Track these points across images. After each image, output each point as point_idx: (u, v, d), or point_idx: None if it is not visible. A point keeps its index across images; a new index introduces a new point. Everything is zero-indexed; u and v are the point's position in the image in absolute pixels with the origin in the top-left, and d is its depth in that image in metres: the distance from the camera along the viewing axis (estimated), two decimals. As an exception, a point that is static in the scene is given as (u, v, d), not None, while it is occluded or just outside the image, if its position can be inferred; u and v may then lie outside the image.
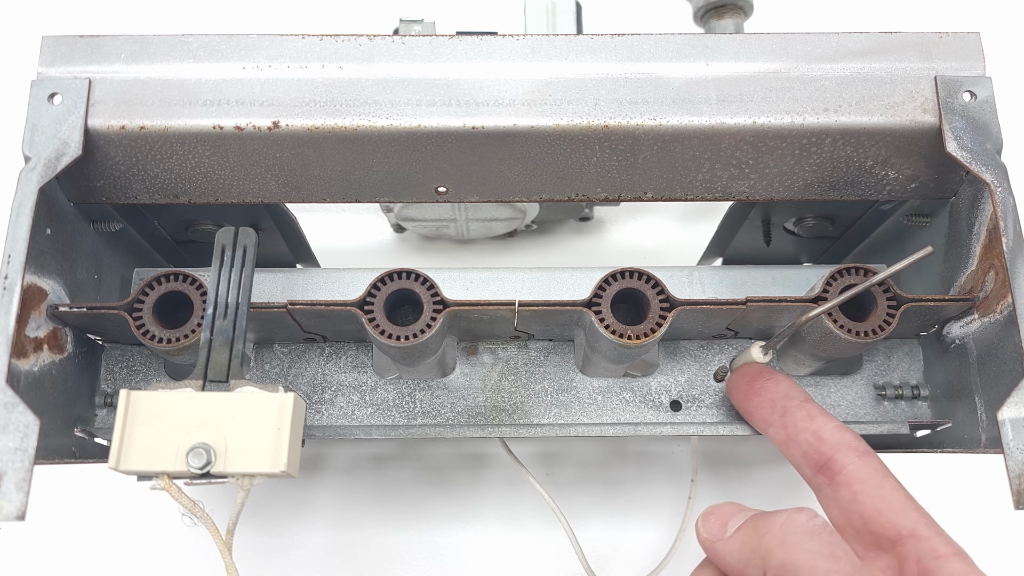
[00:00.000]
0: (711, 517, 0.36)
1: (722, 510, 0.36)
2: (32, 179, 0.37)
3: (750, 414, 0.40)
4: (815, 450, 0.36)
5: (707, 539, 0.35)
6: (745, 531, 0.34)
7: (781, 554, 0.31)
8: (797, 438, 0.37)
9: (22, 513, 0.33)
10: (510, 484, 0.59)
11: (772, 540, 0.32)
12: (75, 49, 0.40)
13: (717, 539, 0.35)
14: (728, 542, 0.34)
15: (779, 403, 0.38)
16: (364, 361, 0.45)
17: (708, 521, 0.36)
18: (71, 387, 0.40)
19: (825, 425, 0.36)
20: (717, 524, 0.35)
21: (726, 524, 0.35)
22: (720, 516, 0.35)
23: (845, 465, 0.34)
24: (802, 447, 0.36)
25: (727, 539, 0.34)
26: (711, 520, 0.36)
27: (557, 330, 0.43)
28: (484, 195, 0.43)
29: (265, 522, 0.58)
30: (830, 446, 0.35)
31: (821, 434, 0.36)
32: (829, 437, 0.36)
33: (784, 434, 0.37)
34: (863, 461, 0.35)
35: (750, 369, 0.40)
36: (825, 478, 0.35)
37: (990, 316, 0.38)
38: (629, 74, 0.40)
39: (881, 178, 0.41)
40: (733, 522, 0.35)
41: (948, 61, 0.40)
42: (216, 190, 0.42)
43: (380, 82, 0.39)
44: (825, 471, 0.35)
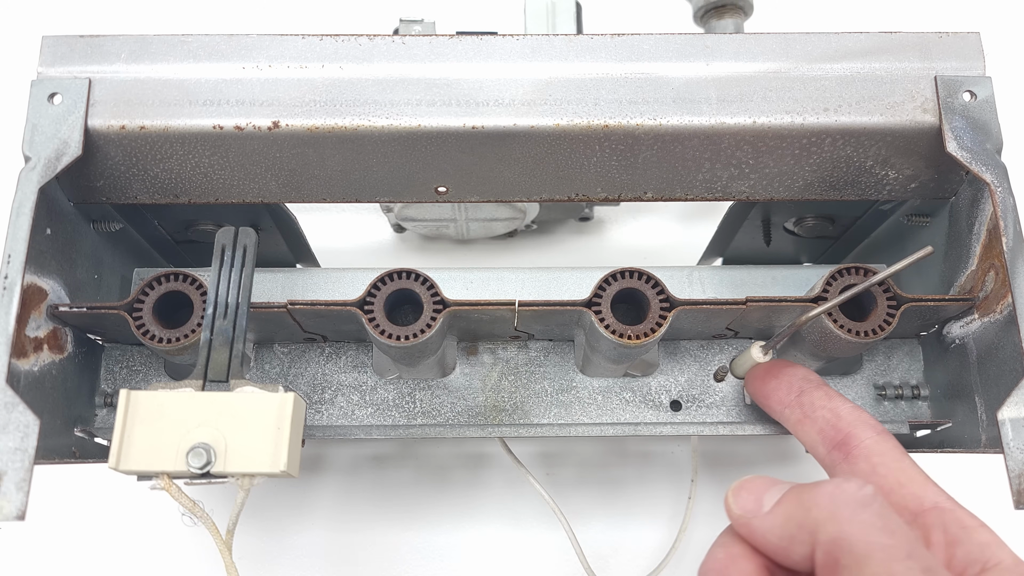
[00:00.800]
0: (742, 492, 0.32)
1: (754, 484, 0.32)
2: (32, 179, 0.37)
3: (767, 396, 0.39)
4: (832, 426, 0.35)
5: (740, 515, 0.32)
6: (788, 505, 0.30)
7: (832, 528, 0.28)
8: (814, 415, 0.36)
9: (22, 513, 0.33)
10: (510, 484, 0.59)
11: (821, 513, 0.29)
12: (75, 49, 0.40)
13: (753, 515, 0.31)
14: (768, 518, 0.31)
15: (796, 384, 0.38)
16: (364, 361, 0.45)
17: (740, 496, 0.32)
18: (71, 387, 0.40)
19: (843, 404, 0.36)
20: (751, 499, 0.32)
21: (760, 498, 0.31)
22: (753, 490, 0.32)
23: (863, 440, 0.34)
24: (819, 424, 0.36)
25: (766, 515, 0.31)
26: (743, 495, 0.32)
27: (557, 330, 0.43)
28: (484, 195, 0.43)
29: (265, 522, 0.58)
30: (848, 422, 0.35)
31: (839, 411, 0.36)
32: (847, 415, 0.35)
33: (800, 413, 0.37)
34: (881, 437, 0.34)
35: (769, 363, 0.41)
36: (841, 454, 0.35)
37: (990, 316, 0.38)
38: (629, 74, 0.40)
39: (881, 178, 0.41)
40: (769, 495, 0.31)
41: (948, 61, 0.40)
42: (216, 190, 0.42)
43: (380, 82, 0.39)
44: (841, 447, 0.35)
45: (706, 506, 0.59)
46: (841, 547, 0.28)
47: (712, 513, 0.58)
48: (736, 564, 0.31)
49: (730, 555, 0.32)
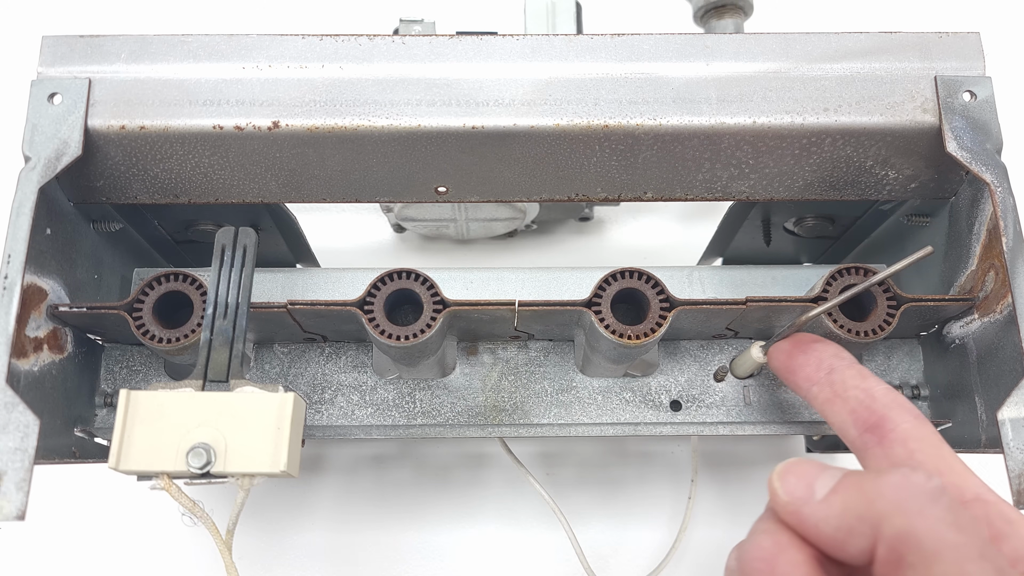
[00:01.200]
0: (791, 476, 0.29)
1: (802, 468, 0.29)
2: (32, 179, 0.37)
3: (793, 372, 0.37)
4: (866, 407, 0.33)
5: (789, 503, 0.29)
6: (847, 494, 0.28)
7: (899, 522, 0.26)
8: (846, 395, 0.34)
9: (22, 513, 0.33)
10: (510, 484, 0.59)
11: (886, 504, 0.27)
12: (75, 49, 0.40)
13: (804, 502, 0.29)
14: (822, 506, 0.28)
15: (826, 361, 0.36)
16: (364, 361, 0.45)
17: (788, 481, 0.29)
18: (71, 387, 0.40)
19: (877, 385, 0.34)
20: (800, 484, 0.29)
21: (812, 484, 0.29)
22: (802, 475, 0.29)
23: (900, 424, 0.32)
24: (851, 404, 0.34)
25: (819, 502, 0.28)
26: (791, 480, 0.29)
27: (557, 330, 0.43)
28: (484, 195, 0.43)
29: (265, 522, 0.58)
30: (883, 404, 0.33)
31: (873, 392, 0.33)
32: (882, 396, 0.33)
33: (830, 392, 0.35)
34: (918, 422, 0.32)
35: (796, 334, 0.38)
36: (874, 437, 0.32)
37: (990, 316, 0.38)
38: (629, 74, 0.40)
39: (881, 178, 0.41)
40: (821, 482, 0.29)
41: (948, 61, 0.40)
42: (216, 190, 0.42)
43: (380, 82, 0.39)
44: (875, 430, 0.32)
45: (706, 506, 0.59)
46: (908, 543, 0.26)
47: (712, 513, 0.58)
48: (785, 554, 0.29)
49: (778, 544, 0.29)
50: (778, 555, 0.29)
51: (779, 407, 0.44)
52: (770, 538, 0.29)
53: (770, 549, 0.29)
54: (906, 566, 0.26)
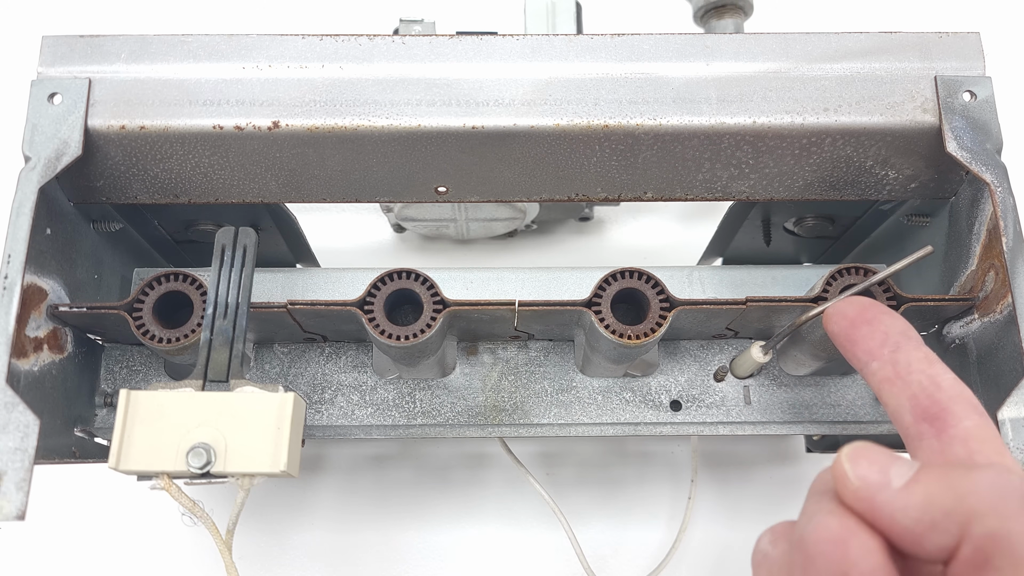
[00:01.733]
0: (863, 460, 0.27)
1: (875, 454, 0.27)
2: (32, 179, 0.37)
3: (854, 343, 0.34)
4: (929, 396, 0.31)
5: (861, 488, 0.27)
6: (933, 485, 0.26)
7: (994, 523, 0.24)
8: (908, 378, 0.31)
9: (22, 513, 0.33)
10: (510, 484, 0.59)
11: (980, 503, 0.25)
12: (75, 49, 0.40)
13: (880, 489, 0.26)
14: (902, 495, 0.26)
15: (893, 337, 0.33)
16: (364, 361, 0.45)
17: (860, 464, 0.27)
18: (71, 387, 0.40)
19: (945, 373, 0.31)
20: (874, 470, 0.27)
21: (887, 471, 0.27)
22: (875, 460, 0.27)
23: (963, 420, 0.30)
24: (912, 389, 0.31)
25: (899, 491, 0.26)
26: (864, 464, 0.27)
27: (557, 330, 0.43)
28: (484, 195, 0.43)
29: (265, 522, 0.58)
30: (948, 396, 0.30)
31: (939, 380, 0.31)
32: (948, 386, 0.31)
33: (892, 371, 0.32)
34: (983, 421, 0.30)
35: (861, 299, 0.35)
36: (932, 429, 0.30)
37: (990, 316, 0.38)
38: (629, 74, 0.40)
39: (881, 178, 0.41)
40: (898, 470, 0.27)
41: (948, 61, 0.40)
42: (216, 190, 0.42)
43: (380, 82, 0.39)
44: (935, 421, 0.30)
45: (706, 506, 0.59)
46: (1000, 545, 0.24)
47: (712, 513, 0.58)
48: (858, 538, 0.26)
49: (847, 527, 0.27)
50: (850, 538, 0.26)
51: (779, 407, 0.44)
52: (837, 520, 0.27)
53: (839, 531, 0.27)
54: (992, 569, 0.24)
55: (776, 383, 0.44)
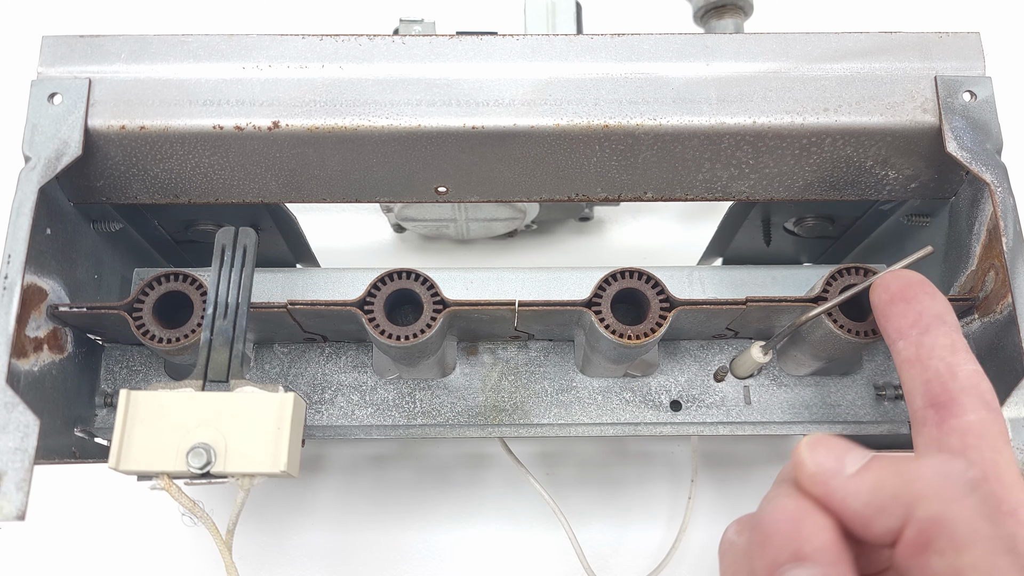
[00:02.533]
0: (820, 448, 0.29)
1: (832, 442, 0.29)
2: (32, 179, 0.37)
3: (887, 318, 0.34)
4: (941, 383, 0.31)
5: (817, 473, 0.28)
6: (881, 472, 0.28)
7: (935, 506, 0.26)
8: (928, 362, 0.32)
9: (22, 513, 0.33)
10: (510, 484, 0.59)
11: (924, 488, 0.26)
12: (75, 49, 0.40)
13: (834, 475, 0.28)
14: (853, 480, 0.28)
15: (925, 319, 0.33)
16: (364, 361, 0.45)
17: (817, 452, 0.29)
18: (71, 387, 0.40)
19: (965, 363, 0.32)
20: (830, 457, 0.28)
21: (843, 458, 0.28)
22: (832, 448, 0.29)
23: (968, 412, 0.30)
24: (928, 373, 0.32)
25: (851, 476, 0.28)
26: (821, 451, 0.29)
27: (557, 330, 0.43)
28: (484, 195, 0.43)
29: (265, 522, 0.58)
30: (960, 386, 0.31)
31: (956, 369, 0.31)
32: (964, 377, 0.31)
33: (914, 352, 0.32)
34: (991, 417, 0.30)
35: (910, 275, 0.35)
36: (936, 416, 0.31)
37: (990, 316, 0.38)
38: (629, 74, 0.40)
39: (881, 178, 0.41)
40: (852, 458, 0.28)
41: (948, 61, 0.40)
42: (216, 190, 0.42)
43: (380, 82, 0.39)
44: (941, 409, 0.31)
45: (706, 506, 0.59)
46: (941, 528, 0.25)
47: (712, 513, 0.58)
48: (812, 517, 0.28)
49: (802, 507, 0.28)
50: (804, 517, 0.28)
51: (779, 407, 0.44)
52: (793, 502, 0.28)
53: (794, 511, 0.28)
54: (933, 551, 0.25)
55: (776, 383, 0.44)
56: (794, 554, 0.27)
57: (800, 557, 0.27)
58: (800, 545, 0.27)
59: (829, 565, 0.27)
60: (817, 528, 0.27)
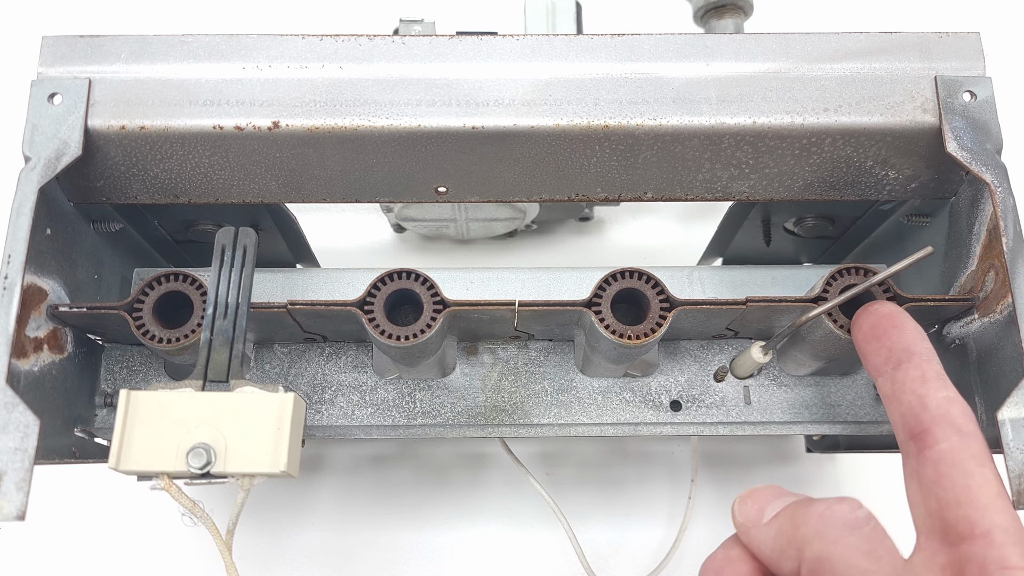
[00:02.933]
0: (748, 500, 0.33)
1: (761, 494, 0.33)
2: (32, 179, 0.37)
3: (864, 357, 0.36)
4: (914, 416, 0.32)
5: (742, 523, 0.33)
6: (782, 520, 0.32)
7: (817, 546, 0.29)
8: (902, 396, 0.33)
9: (22, 513, 0.33)
10: (510, 484, 0.59)
11: (809, 531, 0.30)
12: (75, 49, 0.40)
13: (753, 524, 0.33)
14: (763, 529, 0.32)
15: (896, 354, 0.34)
16: (364, 361, 0.45)
17: (745, 505, 0.33)
18: (71, 387, 0.40)
19: (934, 392, 0.33)
20: (754, 508, 0.33)
21: (763, 509, 0.33)
22: (758, 500, 0.33)
23: (939, 441, 0.31)
24: (903, 408, 0.33)
25: (763, 526, 0.32)
26: (748, 504, 0.33)
27: (557, 330, 0.43)
28: (484, 195, 0.43)
29: (265, 522, 0.58)
30: (931, 416, 0.32)
31: (926, 401, 0.32)
32: (934, 407, 0.32)
33: (889, 388, 0.34)
34: (962, 443, 0.31)
35: (879, 308, 0.36)
36: (915, 447, 0.32)
37: (990, 316, 0.38)
38: (629, 74, 0.40)
39: (881, 178, 0.41)
40: (771, 508, 0.32)
41: (948, 61, 0.40)
42: (216, 190, 0.42)
43: (380, 82, 0.39)
44: (917, 440, 0.32)
45: (706, 506, 0.59)
46: (824, 566, 0.29)
47: (712, 513, 0.58)
48: (732, 566, 0.33)
49: (728, 557, 0.33)
50: (726, 566, 0.33)
51: (779, 407, 0.44)
52: (724, 551, 0.34)
53: (721, 561, 0.34)
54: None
55: (776, 383, 0.44)
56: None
57: None
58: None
59: None
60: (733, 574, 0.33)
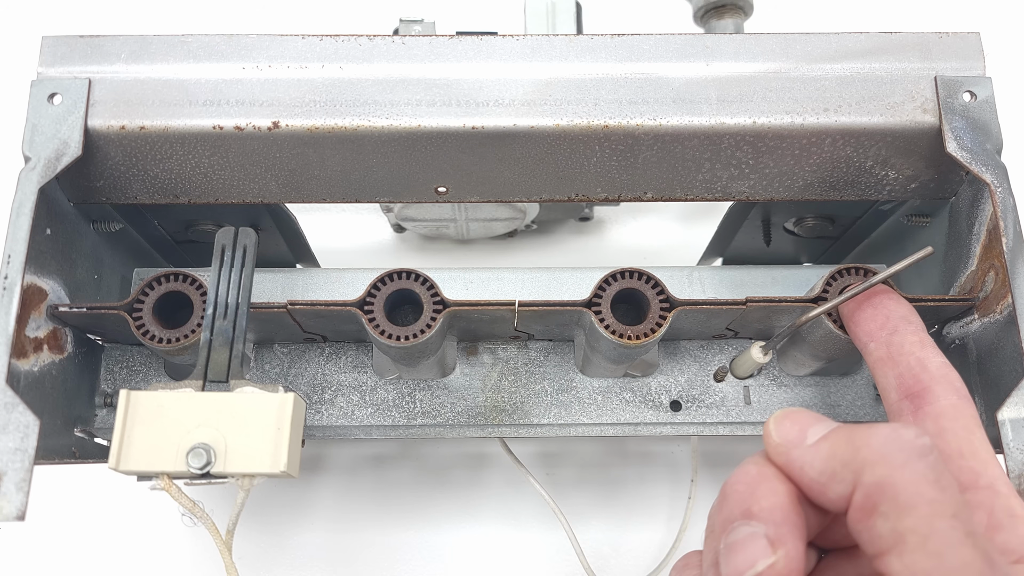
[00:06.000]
0: (786, 421, 0.31)
1: (799, 415, 0.31)
2: (32, 179, 0.37)
3: (857, 323, 0.37)
4: (914, 375, 0.33)
5: (780, 444, 0.30)
6: (835, 441, 0.29)
7: (881, 471, 0.27)
8: (899, 358, 0.34)
9: (22, 513, 0.33)
10: (510, 484, 0.59)
11: (872, 454, 0.27)
12: (75, 49, 0.40)
13: (795, 445, 0.30)
14: (810, 450, 0.29)
15: (892, 321, 0.35)
16: (364, 361, 0.45)
17: (783, 425, 0.30)
18: (71, 387, 0.40)
19: (934, 356, 0.34)
20: (795, 429, 0.30)
21: (805, 430, 0.30)
22: (798, 421, 0.30)
23: (940, 398, 0.32)
24: (900, 368, 0.34)
25: (809, 447, 0.29)
26: (786, 424, 0.30)
27: (557, 330, 0.43)
28: (484, 195, 0.43)
29: (265, 522, 0.58)
30: (932, 376, 0.33)
31: (926, 362, 0.33)
32: (934, 369, 0.33)
33: (885, 352, 0.35)
34: (961, 403, 0.32)
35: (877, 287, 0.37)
36: (912, 405, 0.33)
37: (990, 316, 0.38)
38: (629, 74, 0.40)
39: (881, 178, 0.41)
40: (815, 430, 0.30)
41: (948, 61, 0.40)
42: (216, 190, 0.42)
43: (380, 82, 0.39)
44: (915, 399, 0.33)
45: (706, 506, 0.58)
46: (885, 492, 0.26)
47: (712, 513, 0.58)
48: (768, 483, 0.30)
49: (763, 473, 0.30)
50: (761, 481, 0.30)
51: (779, 407, 0.44)
52: (757, 467, 0.30)
53: (755, 476, 0.30)
54: (878, 514, 0.26)
55: (776, 383, 0.44)
56: (744, 512, 0.29)
57: (749, 516, 0.29)
58: (751, 505, 0.29)
59: (774, 525, 0.28)
60: (769, 491, 0.29)
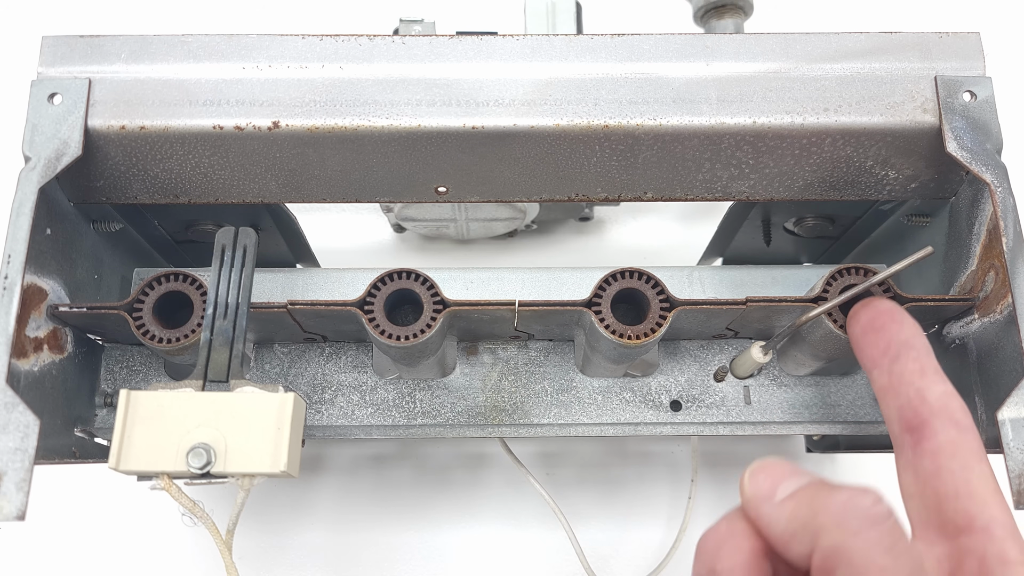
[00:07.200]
0: (760, 474, 0.31)
1: (773, 468, 0.31)
2: (32, 179, 0.37)
3: (860, 349, 0.36)
4: (912, 408, 0.32)
5: (752, 498, 0.31)
6: (798, 502, 0.30)
7: (835, 537, 0.28)
8: (899, 389, 0.33)
9: (22, 513, 0.33)
10: (510, 484, 0.59)
11: (828, 519, 0.28)
12: (75, 49, 0.40)
13: (764, 500, 0.30)
14: (777, 507, 0.30)
15: (894, 347, 0.34)
16: (364, 361, 0.45)
17: (756, 478, 0.31)
18: (71, 387, 0.40)
19: (933, 386, 0.33)
20: (767, 483, 0.31)
21: (776, 486, 0.30)
22: (771, 475, 0.31)
23: (938, 433, 0.31)
24: (900, 400, 0.33)
25: (776, 504, 0.30)
26: (759, 477, 0.31)
27: (557, 330, 0.43)
28: (484, 195, 0.43)
29: (265, 522, 0.58)
30: (930, 409, 0.32)
31: (925, 394, 0.32)
32: (934, 400, 0.32)
33: (887, 381, 0.34)
34: (961, 437, 0.31)
35: (880, 304, 0.36)
36: (911, 439, 0.32)
37: (990, 316, 0.38)
38: (629, 74, 0.40)
39: (881, 178, 0.41)
40: (785, 485, 0.30)
41: (948, 61, 0.40)
42: (216, 190, 0.42)
43: (380, 82, 0.39)
44: (915, 432, 0.32)
45: (706, 506, 0.59)
46: (840, 557, 0.27)
47: (712, 513, 0.58)
48: (734, 539, 0.31)
49: (731, 530, 0.31)
50: (728, 539, 0.31)
51: (779, 407, 0.44)
52: (727, 524, 0.31)
53: (723, 533, 0.31)
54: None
55: (776, 383, 0.44)
56: (709, 571, 0.30)
57: (713, 574, 0.30)
58: (715, 564, 0.30)
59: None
60: (734, 550, 0.30)
